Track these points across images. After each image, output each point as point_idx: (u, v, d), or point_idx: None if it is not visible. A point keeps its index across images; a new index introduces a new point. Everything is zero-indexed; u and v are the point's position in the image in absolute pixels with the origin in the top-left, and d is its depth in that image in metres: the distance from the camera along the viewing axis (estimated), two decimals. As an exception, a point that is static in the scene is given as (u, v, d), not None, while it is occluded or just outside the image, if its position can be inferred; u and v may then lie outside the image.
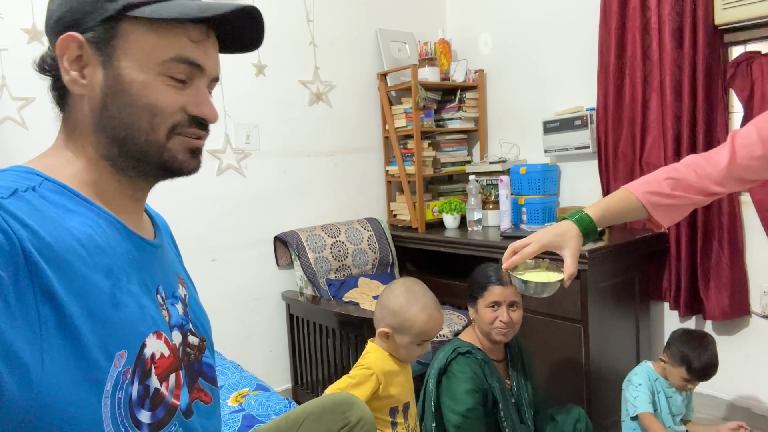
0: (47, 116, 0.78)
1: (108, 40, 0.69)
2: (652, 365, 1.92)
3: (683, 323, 2.44)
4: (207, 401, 0.80)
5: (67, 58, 0.69)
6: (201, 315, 0.87)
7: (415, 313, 1.44)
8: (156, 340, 0.69)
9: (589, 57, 2.58)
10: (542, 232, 1.20)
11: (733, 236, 2.22)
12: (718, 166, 1.19)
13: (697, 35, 2.18)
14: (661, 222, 1.25)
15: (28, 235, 0.58)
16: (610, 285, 2.21)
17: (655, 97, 2.37)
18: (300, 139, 2.76)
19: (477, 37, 3.15)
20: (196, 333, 0.82)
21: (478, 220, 2.79)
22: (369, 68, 2.99)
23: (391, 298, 1.49)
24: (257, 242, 2.63)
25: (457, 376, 1.64)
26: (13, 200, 0.60)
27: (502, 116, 3.08)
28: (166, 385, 0.70)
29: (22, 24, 2.01)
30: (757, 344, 2.25)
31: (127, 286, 0.68)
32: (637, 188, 1.25)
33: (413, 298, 1.46)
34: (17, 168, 0.69)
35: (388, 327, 1.48)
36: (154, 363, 0.68)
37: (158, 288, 0.76)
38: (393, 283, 1.57)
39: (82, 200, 0.69)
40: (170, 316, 0.76)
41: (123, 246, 0.70)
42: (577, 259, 1.17)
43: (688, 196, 1.22)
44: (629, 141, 2.47)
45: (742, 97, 2.17)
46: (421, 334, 1.46)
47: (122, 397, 0.63)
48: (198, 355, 0.81)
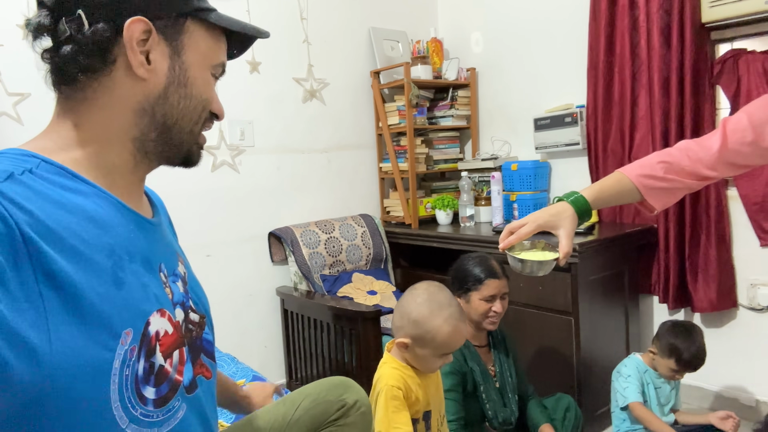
0: (43, 112, 0.78)
1: (177, 34, 0.74)
2: (641, 357, 1.95)
3: (672, 316, 2.48)
4: (208, 376, 0.82)
5: (136, 39, 0.70)
6: (200, 292, 0.88)
7: (438, 324, 1.32)
8: (160, 317, 0.70)
9: (578, 55, 2.62)
10: (538, 212, 1.22)
11: (721, 230, 2.26)
12: (709, 150, 1.23)
13: (684, 33, 2.22)
14: (653, 205, 1.28)
15: (26, 218, 0.58)
16: (600, 278, 2.25)
17: (644, 94, 2.41)
18: (294, 135, 2.78)
19: (468, 35, 3.18)
20: (196, 310, 0.83)
21: (471, 216, 2.82)
22: (362, 66, 3.01)
23: (412, 306, 1.37)
24: (252, 238, 2.65)
25: None
26: (10, 183, 0.60)
27: (493, 114, 3.12)
28: (170, 362, 0.71)
29: (18, 19, 2.01)
30: (744, 336, 2.29)
31: (129, 265, 0.68)
32: (631, 171, 1.28)
33: (437, 308, 1.34)
34: (12, 150, 0.68)
35: (407, 337, 1.36)
36: (159, 340, 0.69)
37: (161, 266, 0.77)
38: (414, 288, 1.42)
39: (81, 181, 0.69)
40: (173, 294, 0.77)
41: (124, 225, 0.71)
42: (572, 239, 1.19)
43: (681, 179, 1.25)
44: (618, 137, 2.51)
45: (729, 94, 2.21)
46: (443, 347, 1.35)
47: (129, 374, 0.64)
48: (199, 331, 0.82)
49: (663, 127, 2.31)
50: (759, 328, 2.24)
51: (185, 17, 0.75)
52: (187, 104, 0.76)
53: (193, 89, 0.77)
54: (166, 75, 0.74)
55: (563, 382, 2.19)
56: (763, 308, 2.22)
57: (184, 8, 0.74)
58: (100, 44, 0.69)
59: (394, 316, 1.42)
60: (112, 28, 0.69)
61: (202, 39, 0.77)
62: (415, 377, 1.41)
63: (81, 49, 0.69)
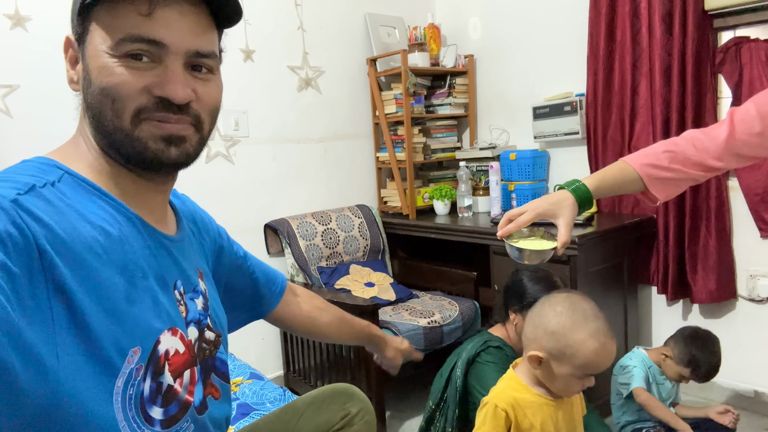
0: (32, 104, 0.78)
1: (83, 35, 0.69)
2: (646, 353, 1.90)
3: (670, 306, 2.47)
4: (217, 397, 0.80)
5: (69, 57, 0.72)
6: (219, 310, 0.87)
7: (582, 339, 1.13)
8: (171, 336, 0.69)
9: (578, 42, 2.57)
10: (538, 200, 1.19)
11: (721, 221, 2.24)
12: (716, 140, 1.19)
13: (686, 20, 2.18)
14: (656, 195, 1.24)
15: (43, 231, 0.58)
16: (599, 270, 2.23)
17: (645, 83, 2.38)
18: (289, 125, 2.74)
19: (466, 21, 3.13)
20: (213, 328, 0.82)
21: (469, 206, 2.80)
22: (358, 53, 2.96)
23: (550, 315, 1.18)
24: (247, 230, 2.62)
25: (489, 366, 1.61)
26: (30, 197, 0.60)
27: (492, 102, 3.08)
28: (180, 382, 0.70)
29: (5, 9, 1.96)
30: (743, 327, 2.29)
31: (142, 282, 0.68)
32: (635, 160, 1.24)
33: (581, 320, 1.15)
34: (40, 159, 0.69)
35: (542, 351, 1.17)
36: (168, 360, 0.69)
37: (176, 283, 0.75)
38: (553, 296, 1.24)
39: (102, 194, 0.68)
40: (187, 312, 0.76)
41: (140, 241, 0.70)
42: (571, 228, 1.17)
43: (686, 170, 1.22)
44: (618, 127, 2.48)
45: (731, 83, 2.18)
46: (586, 366, 1.15)
47: (133, 393, 0.64)
48: (213, 350, 0.81)
49: (664, 116, 2.28)
50: (758, 319, 2.24)
51: (85, 15, 0.68)
52: (97, 101, 0.68)
53: (95, 85, 0.68)
54: (81, 82, 0.71)
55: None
56: (762, 299, 2.22)
57: (78, 3, 0.68)
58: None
59: (527, 325, 1.23)
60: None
61: (102, 26, 0.67)
62: (543, 402, 1.22)
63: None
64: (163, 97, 0.68)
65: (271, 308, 1.12)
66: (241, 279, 1.04)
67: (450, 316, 2.41)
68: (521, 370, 1.26)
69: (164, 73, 0.68)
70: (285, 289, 1.14)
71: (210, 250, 0.94)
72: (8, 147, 1.96)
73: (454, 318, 2.42)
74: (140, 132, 0.68)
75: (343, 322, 1.24)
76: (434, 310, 2.44)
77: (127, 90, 0.67)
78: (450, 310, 2.46)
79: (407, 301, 2.60)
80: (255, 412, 1.48)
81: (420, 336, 2.30)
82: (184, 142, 0.72)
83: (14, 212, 0.57)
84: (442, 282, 2.79)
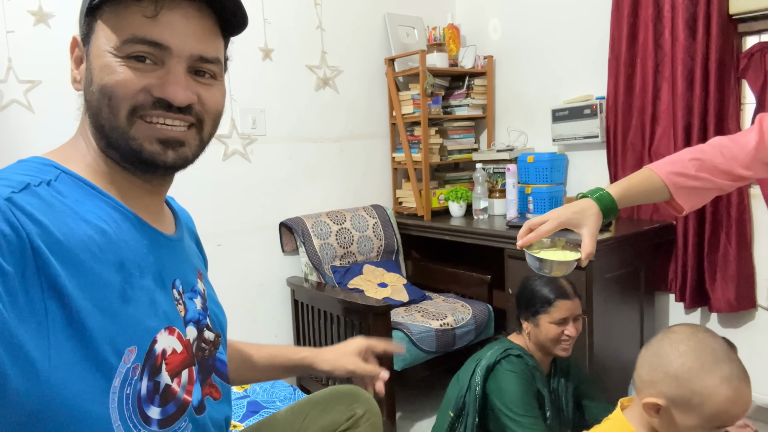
0: (53, 99, 0.80)
1: (89, 35, 0.70)
2: None
3: (688, 315, 2.43)
4: (216, 397, 0.80)
5: (74, 57, 0.73)
6: (218, 310, 0.87)
7: (713, 385, 0.96)
8: (168, 335, 0.69)
9: (599, 45, 2.54)
10: (560, 209, 1.15)
11: (741, 229, 2.20)
12: (745, 148, 1.16)
13: (710, 25, 2.14)
14: (683, 205, 1.20)
15: (37, 230, 0.58)
16: (615, 276, 2.20)
17: (666, 87, 2.34)
18: (306, 124, 2.74)
19: (486, 22, 3.11)
20: (212, 328, 0.81)
21: (484, 208, 2.78)
22: (376, 53, 2.96)
23: (672, 355, 1.00)
24: (263, 228, 2.63)
25: (509, 375, 1.59)
26: (25, 195, 0.60)
27: (510, 104, 3.05)
28: (177, 381, 0.70)
29: (29, 6, 1.99)
30: (762, 337, 2.24)
31: (139, 281, 0.67)
32: (661, 168, 1.20)
33: (710, 361, 0.97)
34: (36, 159, 0.69)
35: (662, 397, 1.00)
36: (165, 359, 0.68)
37: (174, 282, 0.75)
38: (674, 332, 1.05)
39: (98, 193, 0.68)
40: (186, 311, 0.76)
41: (137, 240, 0.70)
42: (596, 238, 1.12)
43: (713, 179, 1.18)
44: (639, 131, 2.44)
45: (755, 89, 2.14)
46: (717, 417, 0.97)
47: (130, 393, 0.63)
48: (212, 350, 0.80)
49: (685, 121, 2.24)
50: (778, 330, 2.19)
51: (94, 16, 0.69)
52: (96, 99, 0.68)
53: (95, 84, 0.68)
54: (84, 82, 0.71)
55: (575, 380, 2.16)
56: (783, 310, 2.17)
57: (86, 4, 0.69)
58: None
59: (641, 366, 1.07)
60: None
61: (106, 24, 0.68)
62: None
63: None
64: (162, 99, 0.68)
65: None
66: None
67: (463, 319, 2.40)
68: (632, 414, 1.08)
69: (166, 75, 0.68)
70: None
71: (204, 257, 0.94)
72: (29, 141, 2.00)
73: (467, 321, 2.40)
74: (136, 131, 0.68)
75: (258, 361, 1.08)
76: (447, 312, 2.43)
77: (125, 89, 0.67)
78: (463, 312, 2.44)
79: (420, 303, 2.59)
80: (265, 411, 1.49)
81: (432, 338, 2.29)
82: (183, 146, 0.72)
83: (8, 210, 0.57)
84: (456, 284, 2.77)
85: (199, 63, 0.71)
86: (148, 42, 0.67)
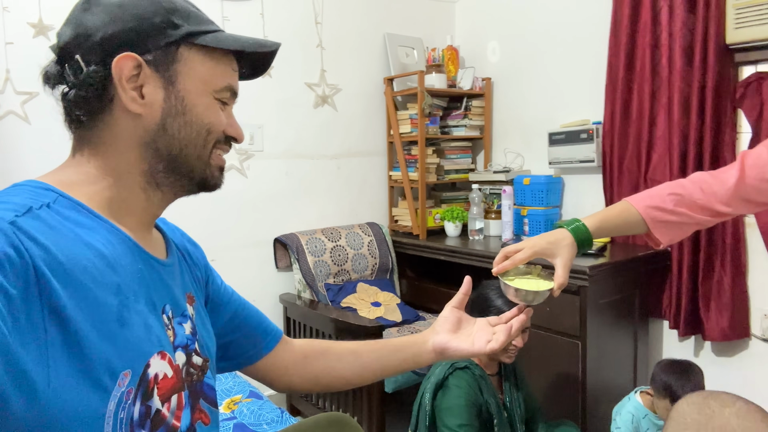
0: (50, 112, 0.79)
1: (169, 64, 0.73)
2: (641, 399, 1.84)
3: (682, 342, 2.42)
4: (206, 422, 0.80)
5: (125, 76, 0.70)
6: (207, 336, 0.86)
7: None
8: (160, 360, 0.69)
9: (597, 70, 2.56)
10: (536, 238, 1.15)
11: (736, 257, 2.20)
12: (725, 184, 1.16)
13: (707, 53, 2.15)
14: (660, 239, 1.21)
15: (40, 252, 0.59)
16: (609, 302, 2.19)
17: (663, 114, 2.35)
18: (304, 141, 2.75)
19: (485, 44, 3.13)
20: (200, 353, 0.81)
21: (480, 229, 2.78)
22: (376, 72, 2.97)
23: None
24: (257, 243, 2.62)
25: (453, 391, 1.63)
26: (28, 218, 0.61)
27: (507, 125, 3.06)
28: (167, 406, 0.70)
29: (29, 18, 2.00)
30: (756, 367, 2.23)
31: (134, 305, 0.68)
32: (639, 201, 1.21)
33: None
34: (31, 183, 0.69)
35: None
36: (157, 383, 0.68)
37: (165, 307, 0.75)
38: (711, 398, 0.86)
39: (96, 217, 0.69)
40: (175, 336, 0.76)
41: (133, 264, 0.71)
42: (569, 269, 1.12)
43: (692, 214, 1.18)
44: (635, 157, 2.45)
45: (751, 118, 2.15)
46: None
47: (124, 417, 0.63)
48: (200, 375, 0.80)
49: (681, 148, 2.25)
50: (772, 361, 2.18)
51: (177, 45, 0.73)
52: (188, 132, 0.75)
53: (193, 116, 0.74)
54: (162, 107, 0.73)
55: (568, 406, 2.14)
56: (777, 340, 2.16)
57: (174, 36, 0.72)
58: (95, 86, 0.70)
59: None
60: (103, 68, 0.70)
61: (199, 63, 0.75)
62: None
63: (80, 93, 0.71)
64: (232, 136, 0.80)
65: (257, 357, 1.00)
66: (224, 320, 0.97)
67: (456, 341, 2.38)
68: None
69: (230, 117, 0.81)
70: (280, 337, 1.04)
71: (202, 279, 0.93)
72: (25, 152, 1.99)
73: (460, 343, 2.38)
74: (213, 160, 0.79)
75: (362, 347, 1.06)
76: None
77: (219, 126, 0.78)
78: (456, 334, 2.43)
79: (413, 323, 2.57)
80: (252, 434, 1.47)
81: (424, 360, 2.27)
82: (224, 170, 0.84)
83: (13, 234, 0.57)
84: (450, 305, 2.76)
85: None
86: (235, 93, 0.80)
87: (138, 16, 0.71)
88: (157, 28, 0.71)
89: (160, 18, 0.72)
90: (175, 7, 0.73)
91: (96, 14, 0.71)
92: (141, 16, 0.71)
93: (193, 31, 0.73)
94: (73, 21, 0.72)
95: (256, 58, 0.81)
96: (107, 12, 0.71)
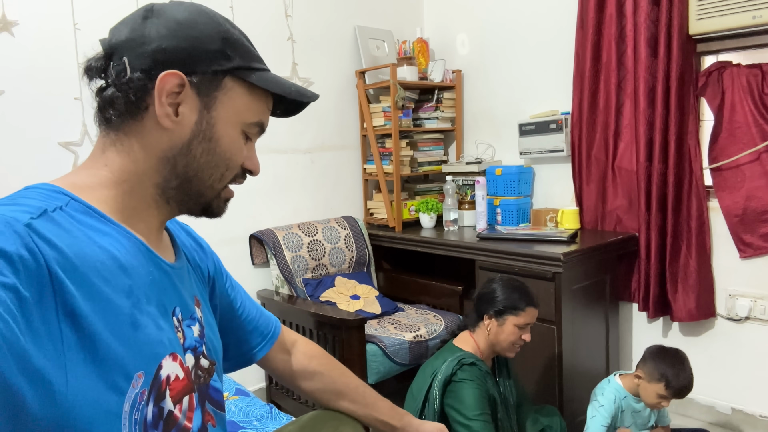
0: (17, 110, 0.77)
1: (211, 90, 0.73)
2: (620, 382, 1.90)
3: (651, 324, 2.51)
4: (214, 424, 0.81)
5: (167, 91, 0.71)
6: (215, 338, 0.86)
7: None
8: (172, 362, 0.70)
9: (565, 62, 2.61)
10: None
11: (701, 241, 2.29)
12: None
13: (671, 44, 2.23)
14: None
15: (54, 255, 0.59)
16: (582, 287, 2.26)
17: (629, 104, 2.42)
18: (277, 135, 2.73)
19: (455, 37, 3.16)
20: (208, 356, 0.82)
21: (455, 219, 2.82)
22: (347, 65, 2.97)
23: None
24: (232, 240, 2.60)
25: (467, 384, 1.65)
26: (42, 221, 0.61)
27: (478, 117, 3.11)
28: (179, 408, 0.71)
29: (-9, 14, 1.93)
30: (722, 345, 2.33)
31: (146, 307, 0.69)
32: None
33: None
34: (44, 186, 0.69)
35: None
36: (169, 385, 0.69)
37: (175, 310, 0.76)
38: None
39: (107, 221, 0.70)
40: (185, 338, 0.77)
41: (145, 267, 0.71)
42: None
43: None
44: (602, 145, 2.52)
45: (713, 106, 2.23)
46: None
47: (138, 418, 0.64)
48: (207, 378, 0.81)
49: (647, 136, 2.33)
50: (736, 338, 2.29)
51: (224, 74, 0.74)
52: (209, 159, 0.75)
53: (218, 146, 0.75)
54: (192, 128, 0.73)
55: (547, 389, 2.20)
56: (740, 318, 2.26)
57: (224, 66, 0.74)
58: (134, 91, 0.71)
59: None
60: (147, 78, 0.70)
61: (239, 97, 0.75)
62: None
63: (118, 94, 0.71)
64: (249, 170, 0.80)
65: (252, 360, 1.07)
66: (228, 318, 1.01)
67: (435, 330, 2.42)
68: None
69: (251, 150, 0.81)
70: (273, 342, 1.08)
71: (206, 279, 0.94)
72: (-9, 153, 1.93)
73: (440, 332, 2.42)
74: (223, 193, 0.79)
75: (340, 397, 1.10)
76: (420, 324, 2.44)
77: (238, 162, 0.78)
78: (435, 324, 2.46)
79: (392, 315, 2.60)
80: (242, 430, 1.46)
81: (405, 350, 2.30)
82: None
83: (27, 236, 0.58)
84: (427, 295, 2.80)
85: None
86: (262, 129, 0.80)
87: (194, 38, 0.72)
88: (210, 54, 0.72)
89: (216, 46, 0.73)
90: (231, 39, 0.75)
91: (155, 25, 0.71)
92: (197, 39, 0.72)
93: (242, 66, 0.75)
94: (130, 24, 0.72)
95: (292, 102, 0.83)
96: (166, 26, 0.71)
